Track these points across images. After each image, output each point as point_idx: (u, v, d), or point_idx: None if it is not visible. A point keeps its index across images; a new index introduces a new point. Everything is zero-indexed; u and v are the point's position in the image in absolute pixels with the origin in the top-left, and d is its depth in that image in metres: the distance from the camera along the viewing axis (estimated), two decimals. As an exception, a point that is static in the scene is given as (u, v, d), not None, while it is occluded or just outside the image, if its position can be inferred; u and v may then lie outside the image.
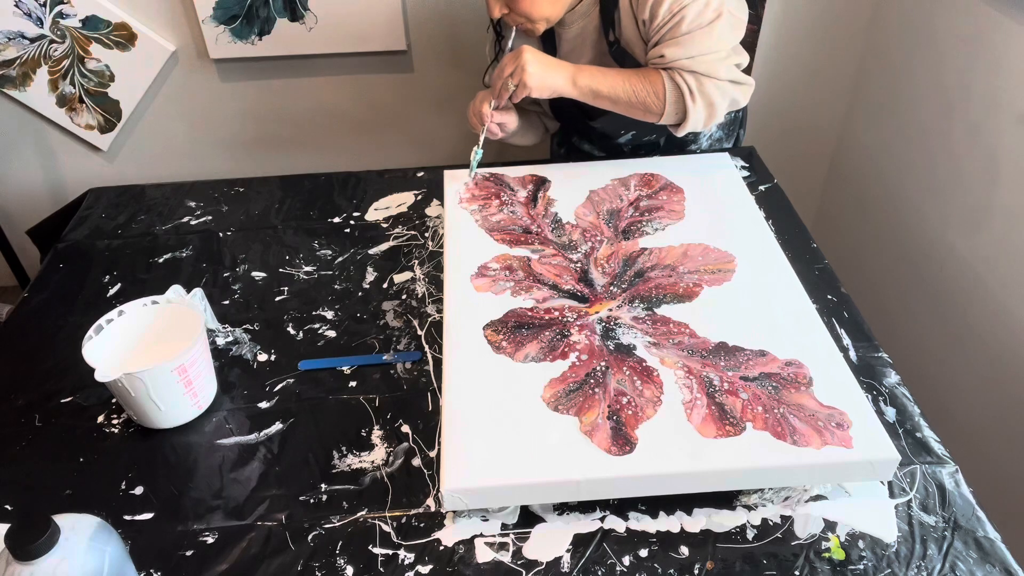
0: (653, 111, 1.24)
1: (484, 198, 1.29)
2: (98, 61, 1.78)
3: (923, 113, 1.67)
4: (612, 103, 1.24)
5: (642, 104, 1.23)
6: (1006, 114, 1.41)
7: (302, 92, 1.89)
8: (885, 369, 1.06)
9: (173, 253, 1.33)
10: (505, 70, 1.22)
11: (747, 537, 0.86)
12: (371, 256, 1.30)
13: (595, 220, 1.23)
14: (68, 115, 1.86)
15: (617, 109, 1.26)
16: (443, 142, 2.01)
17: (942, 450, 0.95)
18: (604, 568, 0.83)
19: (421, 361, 1.09)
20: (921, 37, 1.67)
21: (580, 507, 0.89)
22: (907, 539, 0.85)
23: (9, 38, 1.73)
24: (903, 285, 1.76)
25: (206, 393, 1.02)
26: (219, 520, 0.89)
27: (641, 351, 0.98)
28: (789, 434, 0.87)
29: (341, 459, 0.96)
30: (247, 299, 1.22)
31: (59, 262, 1.33)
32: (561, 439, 0.88)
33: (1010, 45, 1.39)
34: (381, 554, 0.85)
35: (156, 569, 0.84)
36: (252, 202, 1.46)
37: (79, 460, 0.97)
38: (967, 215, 1.53)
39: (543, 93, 1.23)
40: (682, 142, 1.46)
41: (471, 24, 1.80)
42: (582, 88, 1.23)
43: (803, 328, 1.02)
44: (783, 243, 1.20)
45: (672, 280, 1.10)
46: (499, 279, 1.12)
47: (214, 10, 1.72)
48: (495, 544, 0.86)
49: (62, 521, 0.68)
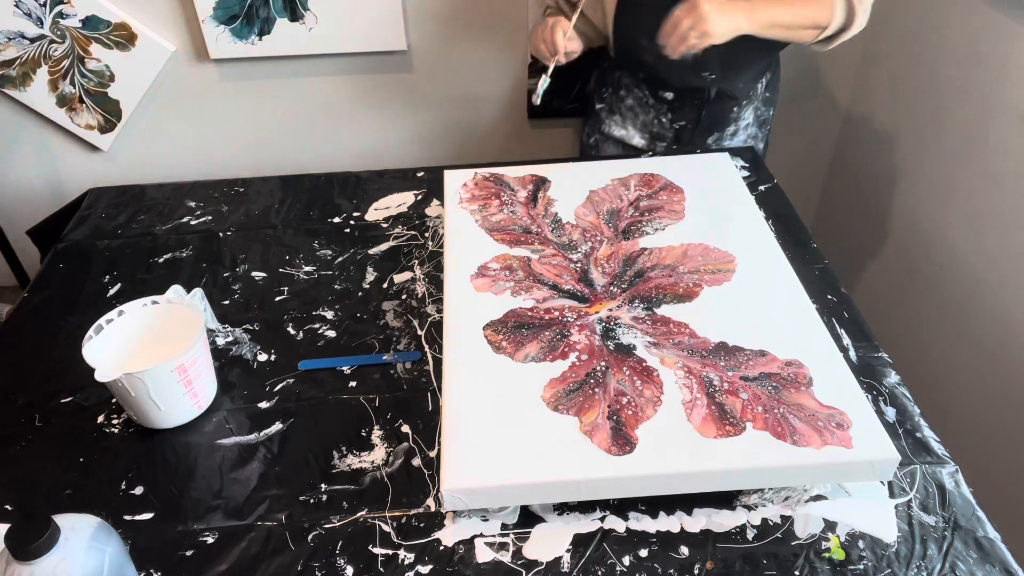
0: (821, 24, 1.26)
1: (484, 198, 1.29)
2: (98, 61, 1.78)
3: (923, 113, 1.67)
4: (786, 30, 1.26)
5: (813, 21, 1.26)
6: (1006, 114, 1.41)
7: (302, 92, 1.89)
8: (885, 369, 1.06)
9: (173, 253, 1.33)
10: (682, 23, 1.19)
11: (747, 537, 0.86)
12: (371, 256, 1.30)
13: (595, 220, 1.23)
14: (68, 115, 1.86)
15: (786, 36, 1.28)
16: (443, 142, 2.00)
17: (942, 450, 0.95)
18: (604, 568, 0.83)
19: (421, 361, 1.09)
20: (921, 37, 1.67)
21: (580, 507, 0.89)
22: (907, 539, 0.85)
23: (9, 38, 1.73)
24: (903, 285, 1.76)
25: (206, 393, 1.02)
26: (219, 520, 0.89)
27: (641, 351, 0.98)
28: (789, 434, 0.87)
29: (341, 459, 0.96)
30: (247, 299, 1.22)
31: (59, 262, 1.33)
32: (561, 439, 0.88)
33: (1010, 45, 1.39)
34: (381, 554, 0.85)
35: (156, 569, 0.84)
36: (252, 202, 1.46)
37: (79, 460, 0.97)
38: (967, 215, 1.53)
39: (725, 38, 1.21)
40: (724, 111, 1.49)
41: (471, 24, 1.80)
42: (761, 22, 1.23)
43: (803, 328, 1.02)
44: (783, 243, 1.20)
45: (672, 280, 1.10)
46: (499, 279, 1.12)
47: (214, 10, 1.72)
48: (495, 544, 0.86)
49: (62, 521, 0.68)
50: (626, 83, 1.52)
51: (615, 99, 1.55)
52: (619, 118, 1.55)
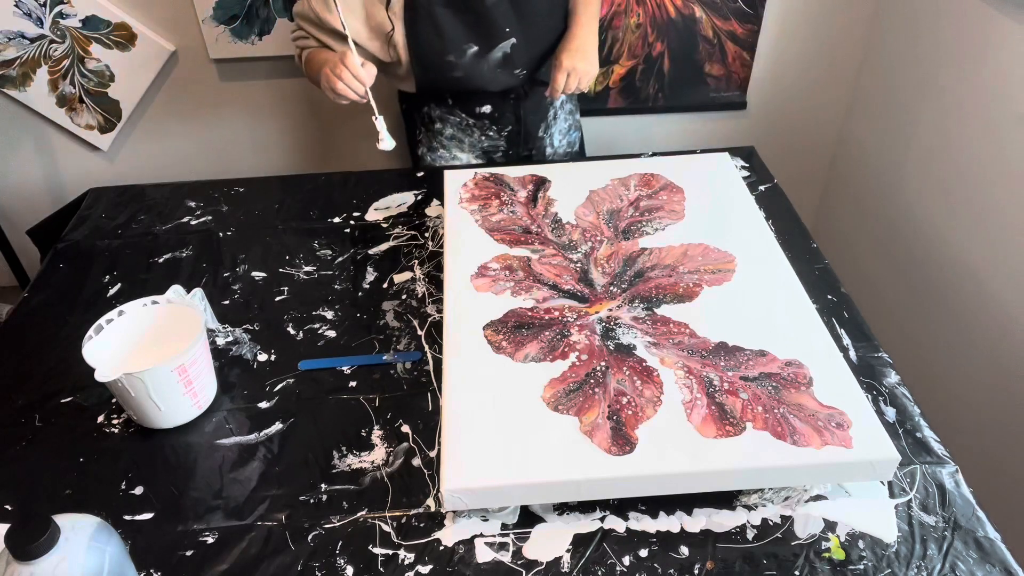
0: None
1: (484, 198, 1.29)
2: (98, 61, 1.78)
3: (923, 113, 1.67)
4: None
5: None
6: (1006, 114, 1.41)
7: (302, 92, 1.89)
8: (885, 369, 1.06)
9: (173, 253, 1.33)
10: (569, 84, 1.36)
11: (747, 537, 0.86)
12: (371, 256, 1.30)
13: (595, 220, 1.23)
14: (68, 115, 1.86)
15: None
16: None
17: (942, 450, 0.95)
18: (604, 568, 0.83)
19: (421, 361, 1.09)
20: (921, 37, 1.67)
21: (580, 507, 0.89)
22: (907, 539, 0.85)
23: (9, 38, 1.73)
24: (903, 285, 1.76)
25: (206, 393, 1.02)
26: (219, 520, 0.89)
27: (641, 351, 0.98)
28: (789, 434, 0.87)
29: (341, 459, 0.96)
30: (247, 299, 1.22)
31: (59, 262, 1.33)
32: (561, 439, 0.88)
33: (1010, 45, 1.39)
34: (381, 554, 0.85)
35: (156, 569, 0.84)
36: (252, 202, 1.46)
37: (79, 460, 0.97)
38: (967, 215, 1.53)
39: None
40: None
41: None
42: (595, 29, 1.40)
43: (803, 328, 1.02)
44: (783, 243, 1.20)
45: (672, 280, 1.10)
46: (499, 279, 1.12)
47: (214, 10, 1.72)
48: (495, 544, 0.86)
49: (62, 521, 0.68)
50: (437, 115, 1.51)
51: (431, 135, 1.54)
52: (444, 151, 1.55)
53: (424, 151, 1.57)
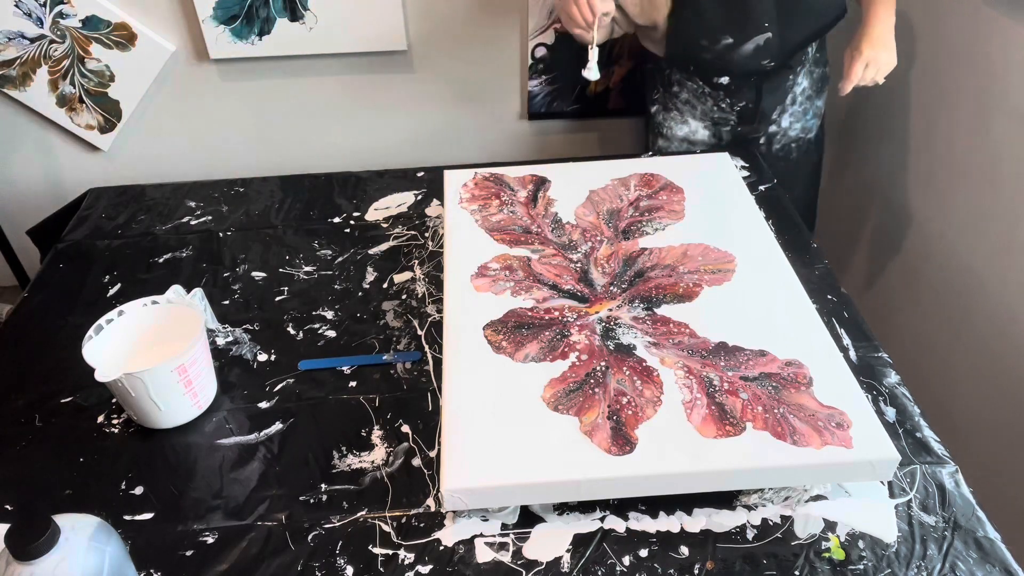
0: None
1: (484, 198, 1.29)
2: (98, 61, 1.78)
3: (923, 113, 1.67)
4: None
5: None
6: (1006, 114, 1.41)
7: (302, 92, 1.89)
8: (885, 369, 1.06)
9: (173, 253, 1.33)
10: (867, 74, 1.35)
11: (747, 537, 0.86)
12: (371, 256, 1.30)
13: (595, 220, 1.23)
14: (68, 115, 1.86)
15: None
16: (443, 142, 2.00)
17: (942, 450, 0.95)
18: (604, 568, 0.83)
19: (421, 361, 1.09)
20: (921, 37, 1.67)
21: (580, 507, 0.89)
22: (907, 539, 0.85)
23: (9, 38, 1.73)
24: (903, 285, 1.76)
25: (206, 393, 1.02)
26: (219, 520, 0.89)
27: (641, 351, 0.98)
28: (789, 434, 0.87)
29: (341, 459, 0.96)
30: (247, 299, 1.22)
31: (59, 262, 1.33)
32: (561, 439, 0.88)
33: (1010, 45, 1.39)
34: (381, 554, 0.85)
35: (156, 569, 0.85)
36: (252, 202, 1.46)
37: (79, 460, 0.97)
38: (967, 215, 1.53)
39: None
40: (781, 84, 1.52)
41: (471, 24, 1.80)
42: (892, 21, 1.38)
43: (803, 328, 1.02)
44: (783, 243, 1.20)
45: (672, 280, 1.10)
46: (499, 279, 1.12)
47: (214, 10, 1.72)
48: (495, 544, 0.86)
49: (62, 521, 0.68)
50: (676, 79, 1.53)
51: (668, 96, 1.56)
52: (677, 114, 1.56)
53: (659, 109, 1.59)
